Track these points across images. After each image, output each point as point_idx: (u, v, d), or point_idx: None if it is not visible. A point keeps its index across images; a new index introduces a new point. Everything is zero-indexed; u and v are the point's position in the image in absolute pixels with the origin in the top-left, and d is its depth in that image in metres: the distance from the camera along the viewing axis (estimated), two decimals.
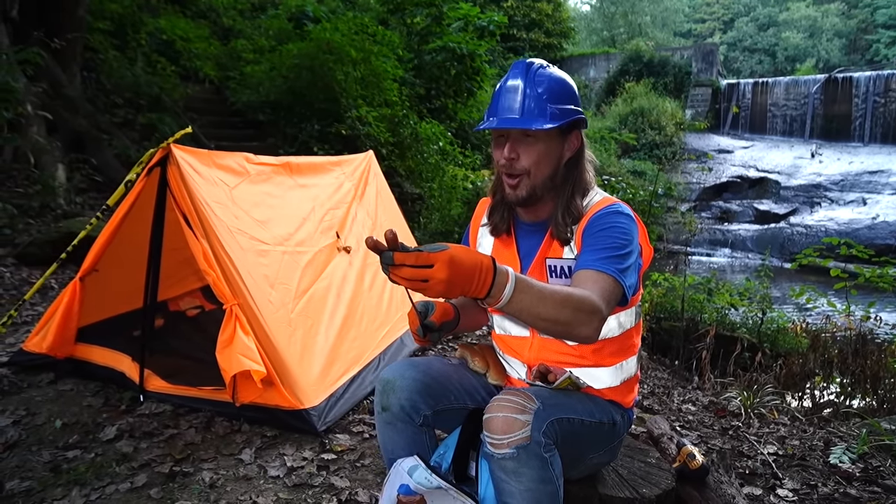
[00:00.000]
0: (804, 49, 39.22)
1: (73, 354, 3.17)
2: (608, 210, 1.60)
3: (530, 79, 1.60)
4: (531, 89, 1.58)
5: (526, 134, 1.58)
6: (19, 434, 2.64)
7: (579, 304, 1.35)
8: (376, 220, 4.24)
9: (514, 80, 1.62)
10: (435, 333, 1.68)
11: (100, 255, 3.04)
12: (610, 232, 1.55)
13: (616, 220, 1.58)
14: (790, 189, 16.18)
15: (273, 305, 2.92)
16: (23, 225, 5.33)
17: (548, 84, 1.60)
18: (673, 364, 5.59)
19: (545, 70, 1.63)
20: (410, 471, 1.54)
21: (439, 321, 1.69)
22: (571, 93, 1.64)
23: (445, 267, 1.17)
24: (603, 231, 1.56)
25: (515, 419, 1.41)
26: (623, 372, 1.71)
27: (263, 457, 2.59)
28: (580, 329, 1.36)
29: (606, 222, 1.58)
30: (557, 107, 1.58)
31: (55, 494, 2.25)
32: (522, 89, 1.59)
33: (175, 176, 2.81)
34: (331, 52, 8.65)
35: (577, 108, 1.64)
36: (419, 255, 1.17)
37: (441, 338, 1.75)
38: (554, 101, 1.58)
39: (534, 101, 1.57)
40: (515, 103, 1.59)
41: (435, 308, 1.71)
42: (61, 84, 6.89)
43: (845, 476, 2.61)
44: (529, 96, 1.58)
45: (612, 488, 1.81)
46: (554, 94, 1.59)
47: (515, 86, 1.61)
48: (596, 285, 1.44)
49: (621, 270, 1.49)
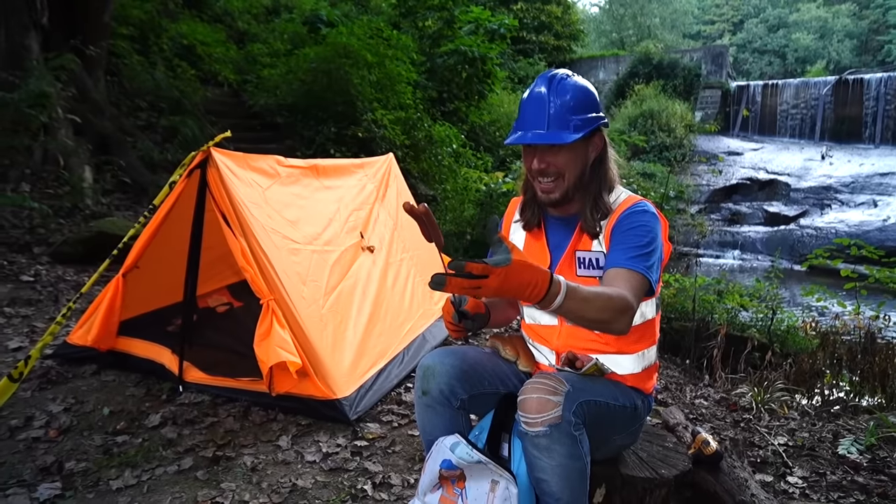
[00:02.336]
0: (815, 50, 39.08)
1: (115, 347, 3.34)
2: (635, 209, 1.74)
3: (553, 91, 1.72)
4: (555, 103, 1.70)
5: (553, 145, 1.72)
6: (71, 420, 2.81)
7: (617, 305, 1.51)
8: (397, 220, 4.39)
9: (539, 93, 1.74)
10: (469, 321, 1.82)
11: (141, 252, 3.21)
12: (637, 231, 1.69)
13: (642, 219, 1.71)
14: (800, 191, 16.21)
15: (306, 301, 3.08)
16: (55, 225, 5.51)
17: (571, 96, 1.71)
18: (684, 363, 5.71)
19: (567, 82, 1.74)
20: (452, 447, 1.69)
21: (472, 311, 1.84)
22: (592, 100, 1.76)
23: (498, 280, 1.29)
24: (631, 230, 1.70)
25: (548, 400, 1.55)
26: (644, 359, 1.84)
27: (300, 443, 2.74)
28: (617, 325, 1.53)
29: (634, 221, 1.71)
30: (580, 117, 1.70)
31: (110, 475, 2.41)
32: (547, 103, 1.71)
33: (214, 177, 2.98)
34: (347, 56, 8.83)
35: (599, 115, 1.77)
36: (485, 267, 1.29)
37: (475, 327, 1.88)
38: (577, 113, 1.70)
39: (558, 115, 1.69)
40: (542, 117, 1.71)
41: (466, 300, 1.85)
42: (88, 88, 7.09)
43: (853, 466, 2.73)
44: (554, 110, 1.69)
45: (633, 469, 1.95)
46: (577, 106, 1.71)
47: (541, 99, 1.72)
48: (627, 283, 1.59)
49: (648, 267, 1.64)
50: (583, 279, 1.75)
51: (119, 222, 5.62)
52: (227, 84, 10.21)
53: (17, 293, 4.39)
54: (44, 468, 2.42)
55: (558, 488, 1.60)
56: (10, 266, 4.76)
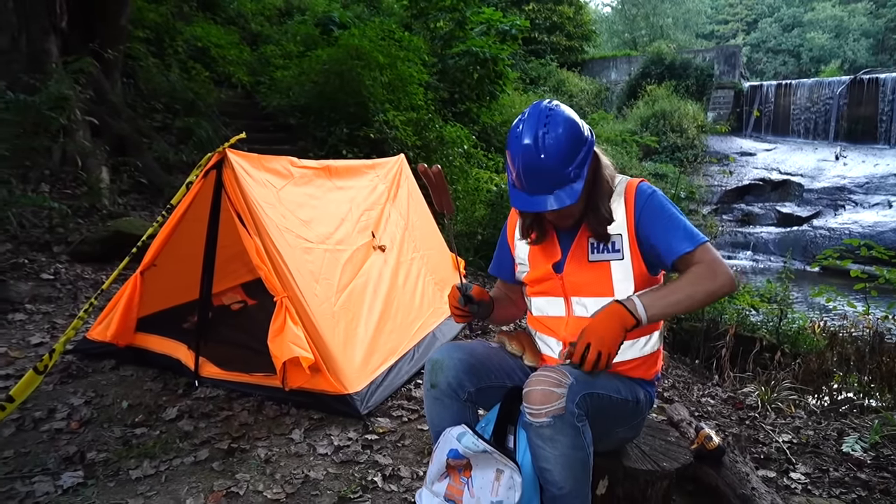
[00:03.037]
0: (830, 50, 38.73)
1: (134, 343, 3.44)
2: (643, 195, 1.82)
3: (544, 150, 1.66)
4: (550, 163, 1.66)
5: None
6: (91, 413, 2.90)
7: (700, 272, 1.69)
8: (408, 220, 4.46)
9: (530, 154, 1.67)
10: (473, 305, 1.92)
11: (159, 250, 3.30)
12: (661, 214, 1.78)
13: (655, 201, 1.80)
14: (813, 192, 16.13)
15: (318, 298, 3.15)
16: (73, 224, 5.63)
17: (561, 147, 1.66)
18: (693, 363, 5.74)
19: (550, 134, 1.66)
20: (459, 437, 1.75)
21: (477, 297, 1.94)
22: (578, 134, 1.71)
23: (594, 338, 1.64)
24: (658, 219, 1.78)
25: (552, 391, 1.61)
26: (647, 347, 1.89)
27: (312, 437, 2.82)
28: (719, 289, 1.69)
29: (653, 208, 1.79)
30: (575, 163, 1.69)
31: (129, 465, 2.50)
32: (542, 167, 1.67)
33: (230, 178, 3.06)
34: (359, 58, 8.91)
35: (585, 141, 1.73)
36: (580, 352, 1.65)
37: (479, 312, 1.97)
38: (571, 161, 1.68)
39: (558, 176, 1.69)
40: (543, 183, 1.70)
41: (472, 287, 1.95)
42: (105, 91, 7.22)
43: (857, 463, 2.77)
44: (552, 172, 1.67)
45: (635, 461, 2.01)
46: (569, 155, 1.68)
47: (535, 162, 1.67)
48: (698, 260, 1.71)
49: (691, 234, 1.74)
50: (595, 264, 1.82)
51: (136, 222, 5.74)
52: (240, 86, 10.32)
53: (37, 290, 4.50)
54: (66, 458, 2.51)
55: (561, 477, 1.66)
56: (31, 264, 4.88)
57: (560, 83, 21.73)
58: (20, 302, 4.28)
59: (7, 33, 6.12)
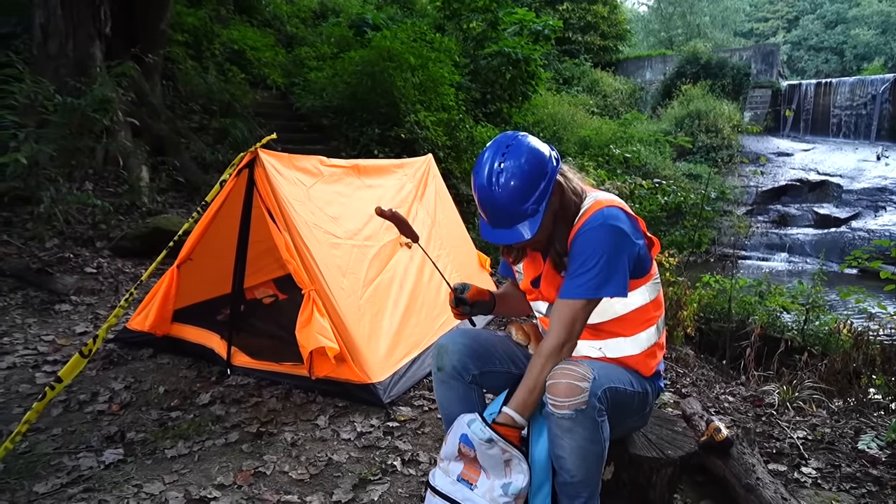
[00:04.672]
0: (875, 46, 37.60)
1: (170, 333, 3.62)
2: (588, 224, 1.80)
3: (498, 187, 1.74)
4: (504, 200, 1.75)
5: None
6: (130, 397, 3.09)
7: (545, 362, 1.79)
8: (435, 218, 4.57)
9: (487, 192, 1.76)
10: (466, 306, 2.03)
11: (194, 245, 3.47)
12: (582, 255, 1.78)
13: (591, 236, 1.78)
14: (853, 192, 15.74)
15: (345, 292, 3.28)
16: (115, 221, 5.89)
17: (514, 185, 1.73)
18: (720, 363, 5.72)
19: (504, 174, 1.73)
20: (469, 423, 1.85)
21: (472, 299, 2.07)
22: (538, 168, 1.75)
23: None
24: (578, 256, 1.79)
25: (577, 385, 1.69)
26: (644, 342, 1.95)
27: (336, 423, 2.95)
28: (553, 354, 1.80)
29: (582, 242, 1.79)
30: (532, 200, 1.75)
31: (165, 445, 2.66)
32: (498, 204, 1.76)
33: (261, 176, 3.20)
34: (391, 60, 9.07)
35: (545, 179, 1.77)
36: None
37: (473, 312, 2.08)
38: (528, 198, 1.75)
39: (512, 212, 1.76)
40: (501, 217, 1.79)
41: (470, 288, 2.07)
42: (145, 93, 7.50)
43: (871, 460, 2.77)
44: (506, 209, 1.76)
45: (640, 449, 2.08)
46: (525, 192, 1.74)
47: (491, 200, 1.76)
48: (560, 316, 1.81)
49: (580, 287, 1.78)
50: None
51: (173, 219, 5.97)
52: (275, 87, 10.58)
53: (82, 283, 4.74)
54: (108, 437, 2.69)
55: (574, 466, 1.75)
56: (76, 259, 5.13)
57: (594, 83, 21.63)
58: (66, 294, 4.52)
59: (56, 39, 6.42)
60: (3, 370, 3.32)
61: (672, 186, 9.57)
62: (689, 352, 5.35)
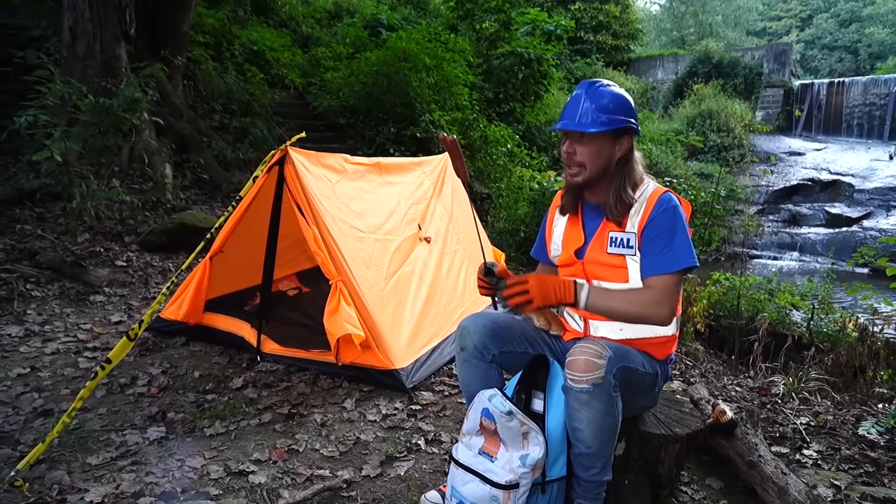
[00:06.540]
0: (890, 45, 37.26)
1: (202, 321, 3.81)
2: (661, 209, 2.01)
3: (590, 94, 2.04)
4: (589, 102, 2.03)
5: (581, 135, 2.03)
6: (168, 380, 3.28)
7: (645, 297, 1.96)
8: (452, 214, 4.73)
9: (577, 94, 2.07)
10: (493, 278, 2.11)
11: (227, 238, 3.66)
12: (664, 231, 1.98)
13: (667, 216, 1.99)
14: (865, 192, 15.74)
15: (369, 283, 3.46)
16: (141, 217, 6.10)
17: (602, 98, 2.03)
18: (729, 358, 5.85)
19: (603, 89, 2.06)
20: (490, 398, 2.01)
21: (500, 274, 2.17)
22: (624, 106, 2.05)
23: (536, 282, 1.94)
24: (657, 237, 1.99)
25: (595, 362, 1.85)
26: (661, 331, 2.08)
27: (362, 406, 3.12)
28: (654, 317, 1.97)
29: (661, 222, 1.99)
30: (609, 116, 2.01)
31: (203, 424, 2.85)
32: (582, 101, 2.04)
33: (291, 173, 3.39)
34: (406, 60, 9.24)
35: (628, 119, 2.05)
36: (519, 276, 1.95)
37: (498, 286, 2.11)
38: (606, 112, 2.01)
39: (588, 111, 2.01)
40: (575, 112, 2.04)
41: (497, 265, 2.19)
42: (169, 93, 7.72)
43: (870, 444, 2.91)
44: (586, 107, 2.02)
45: (650, 427, 2.24)
46: (607, 107, 2.01)
47: (578, 98, 2.06)
48: (657, 286, 1.97)
49: (672, 261, 1.96)
50: (612, 256, 2.05)
51: (198, 215, 6.17)
52: (293, 87, 10.77)
53: (113, 276, 4.95)
54: (150, 416, 2.88)
55: (590, 437, 1.90)
56: (107, 252, 5.34)
57: None
58: (99, 286, 4.73)
59: (83, 41, 6.63)
60: (48, 355, 3.53)
61: (683, 185, 9.67)
62: (699, 347, 5.49)
